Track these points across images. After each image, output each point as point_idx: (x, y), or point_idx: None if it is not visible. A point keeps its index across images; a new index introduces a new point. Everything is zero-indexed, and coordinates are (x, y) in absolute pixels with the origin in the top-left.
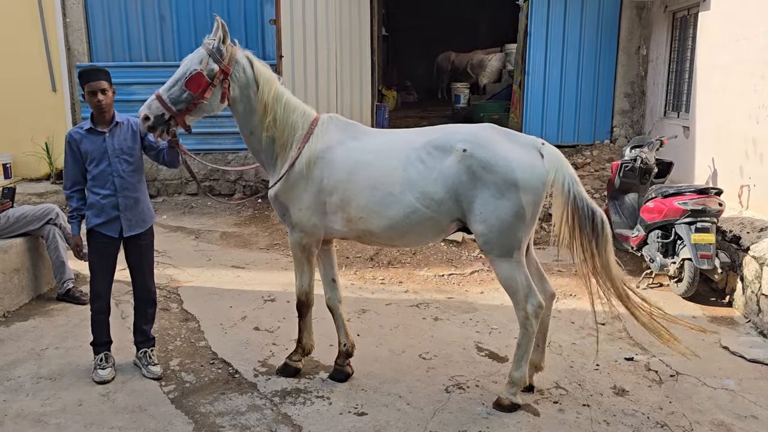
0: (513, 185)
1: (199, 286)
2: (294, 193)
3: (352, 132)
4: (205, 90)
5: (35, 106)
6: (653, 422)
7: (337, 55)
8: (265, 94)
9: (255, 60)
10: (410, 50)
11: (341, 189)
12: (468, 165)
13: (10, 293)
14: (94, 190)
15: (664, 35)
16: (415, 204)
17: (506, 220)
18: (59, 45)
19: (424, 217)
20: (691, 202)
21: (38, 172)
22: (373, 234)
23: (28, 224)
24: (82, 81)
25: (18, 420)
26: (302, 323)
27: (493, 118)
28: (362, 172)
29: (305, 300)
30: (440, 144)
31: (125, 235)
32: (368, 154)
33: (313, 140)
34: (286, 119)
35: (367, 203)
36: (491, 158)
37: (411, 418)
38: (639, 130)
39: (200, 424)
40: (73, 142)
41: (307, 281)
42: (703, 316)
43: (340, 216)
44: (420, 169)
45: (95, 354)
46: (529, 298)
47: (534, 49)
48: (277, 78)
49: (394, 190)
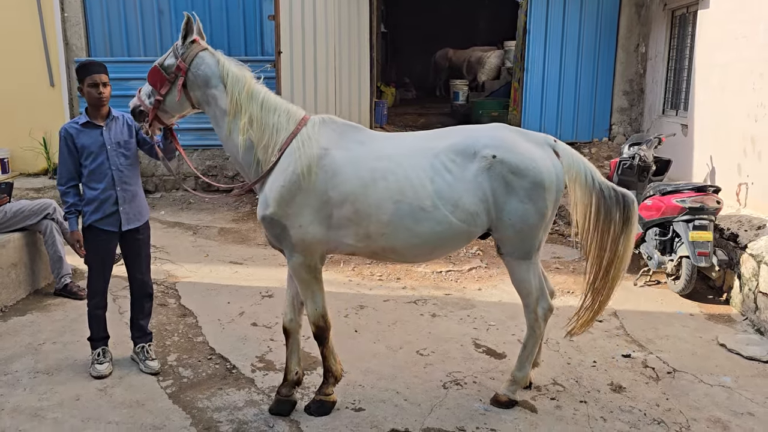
0: (540, 187)
1: (197, 282)
2: (291, 209)
3: (354, 136)
4: (162, 85)
5: (33, 101)
6: (650, 419)
7: (336, 51)
8: (235, 93)
9: (223, 58)
10: (409, 47)
11: (354, 201)
12: (499, 172)
13: (7, 288)
14: (92, 185)
15: (663, 33)
16: (450, 218)
17: (532, 224)
18: (57, 40)
19: (459, 231)
20: (689, 200)
21: (36, 168)
22: (395, 251)
23: (26, 219)
24: (83, 74)
25: (15, 414)
26: (326, 350)
27: (492, 115)
28: (381, 183)
29: (324, 324)
30: (462, 149)
31: (124, 229)
32: (384, 161)
33: (305, 144)
34: (265, 120)
35: (391, 218)
36: (521, 162)
37: (408, 413)
38: (637, 127)
39: (197, 419)
40: (68, 137)
41: (320, 302)
42: (700, 313)
43: (354, 231)
44: (448, 179)
45: (92, 349)
46: (540, 301)
47: (533, 47)
48: (253, 77)
49: (424, 204)
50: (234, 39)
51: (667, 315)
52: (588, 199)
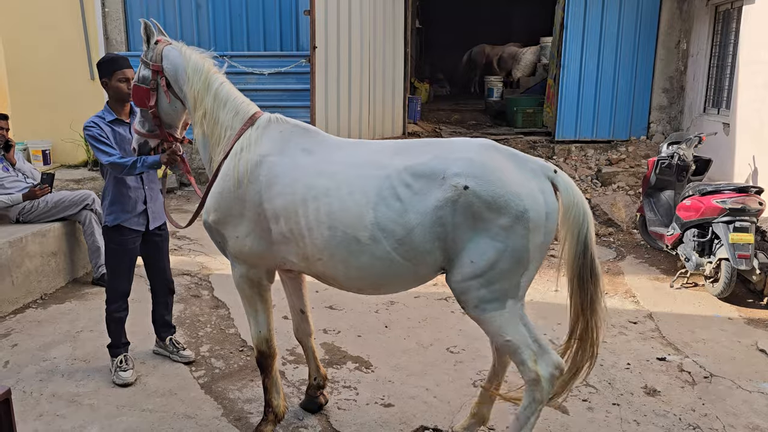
0: (523, 226)
1: (229, 274)
2: (228, 219)
3: (301, 142)
4: (149, 97)
5: (74, 94)
6: (685, 424)
7: (370, 46)
8: (194, 83)
9: (184, 48)
10: (443, 43)
11: (287, 219)
12: (468, 204)
13: (47, 276)
14: (122, 183)
15: (705, 29)
16: (392, 255)
17: (503, 268)
18: (98, 34)
19: (404, 270)
20: (730, 201)
21: (76, 159)
22: (335, 280)
23: (66, 209)
24: (113, 67)
25: (53, 400)
26: (267, 381)
27: (527, 112)
28: (313, 203)
29: (266, 350)
30: (427, 172)
31: (151, 228)
32: (323, 178)
33: (244, 149)
34: (216, 114)
35: (325, 246)
36: (500, 197)
37: (438, 411)
38: (677, 126)
39: (228, 410)
40: (97, 127)
41: (264, 325)
42: (739, 317)
43: (294, 249)
44: (396, 208)
45: (113, 356)
46: (539, 357)
47: (570, 42)
48: (213, 65)
49: (360, 236)
50: (270, 34)
51: (705, 318)
52: (572, 253)
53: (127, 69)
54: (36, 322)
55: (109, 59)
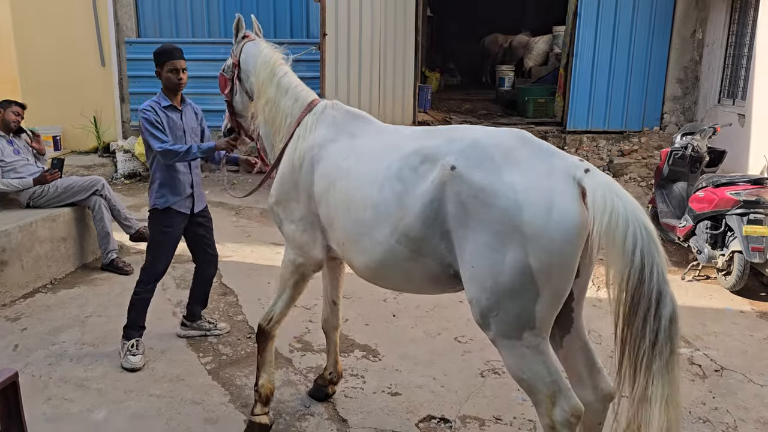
0: (516, 231)
1: (238, 261)
2: (286, 202)
3: (349, 126)
4: (226, 86)
5: (84, 80)
6: (695, 417)
7: (381, 34)
8: (260, 74)
9: (263, 44)
10: (455, 32)
11: (326, 201)
12: (457, 191)
13: (57, 261)
14: (173, 167)
15: (722, 18)
16: (389, 240)
17: (507, 286)
18: (108, 21)
19: (402, 258)
20: (744, 193)
21: (86, 146)
22: (353, 267)
23: (76, 194)
24: (164, 58)
25: (61, 384)
26: (260, 358)
27: (538, 102)
28: (338, 183)
29: (267, 328)
30: (432, 154)
31: (195, 211)
32: (351, 159)
33: (302, 135)
34: (278, 102)
35: (344, 226)
36: (489, 183)
37: (445, 400)
38: (691, 117)
39: (236, 396)
40: (153, 112)
41: (279, 309)
42: (751, 311)
43: (331, 234)
44: (397, 189)
45: (126, 339)
46: (557, 399)
47: (583, 31)
48: (281, 57)
49: (364, 217)
50: (280, 22)
51: (716, 311)
52: (623, 269)
53: (177, 60)
54: (45, 307)
55: (161, 51)
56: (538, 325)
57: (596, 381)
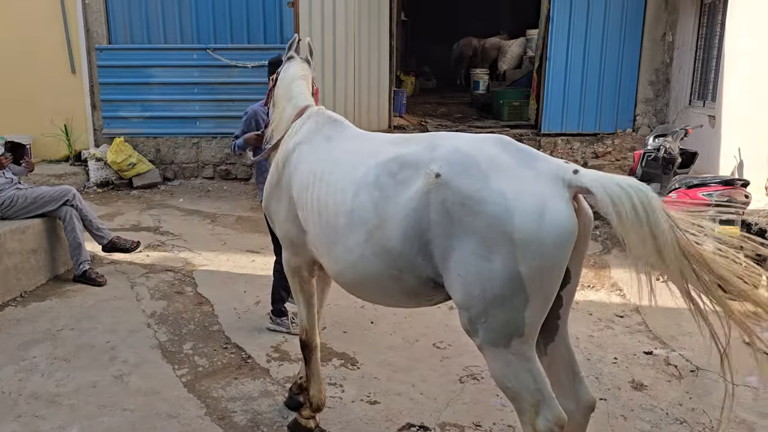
0: (505, 238)
1: (213, 270)
2: (275, 203)
3: (327, 130)
4: (268, 99)
5: (54, 88)
6: (672, 418)
7: (355, 39)
8: (280, 87)
9: (297, 62)
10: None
11: (301, 204)
12: (442, 199)
13: (27, 273)
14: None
15: (691, 21)
16: (362, 249)
17: (497, 293)
18: (79, 27)
19: (376, 270)
20: (716, 194)
21: (57, 154)
22: (332, 277)
23: (46, 205)
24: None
25: (32, 400)
26: (307, 369)
27: (513, 105)
28: (311, 188)
29: (306, 340)
30: (412, 161)
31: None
32: (325, 164)
33: (287, 138)
34: (282, 108)
35: (317, 231)
36: (476, 190)
37: (424, 408)
38: (663, 118)
39: (212, 409)
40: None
41: (305, 316)
42: None
43: (309, 238)
44: (374, 197)
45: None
46: (541, 409)
47: (556, 35)
48: (304, 69)
49: (337, 223)
50: (253, 27)
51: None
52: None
53: None
54: (15, 321)
55: (274, 62)
56: (527, 331)
57: (577, 390)
